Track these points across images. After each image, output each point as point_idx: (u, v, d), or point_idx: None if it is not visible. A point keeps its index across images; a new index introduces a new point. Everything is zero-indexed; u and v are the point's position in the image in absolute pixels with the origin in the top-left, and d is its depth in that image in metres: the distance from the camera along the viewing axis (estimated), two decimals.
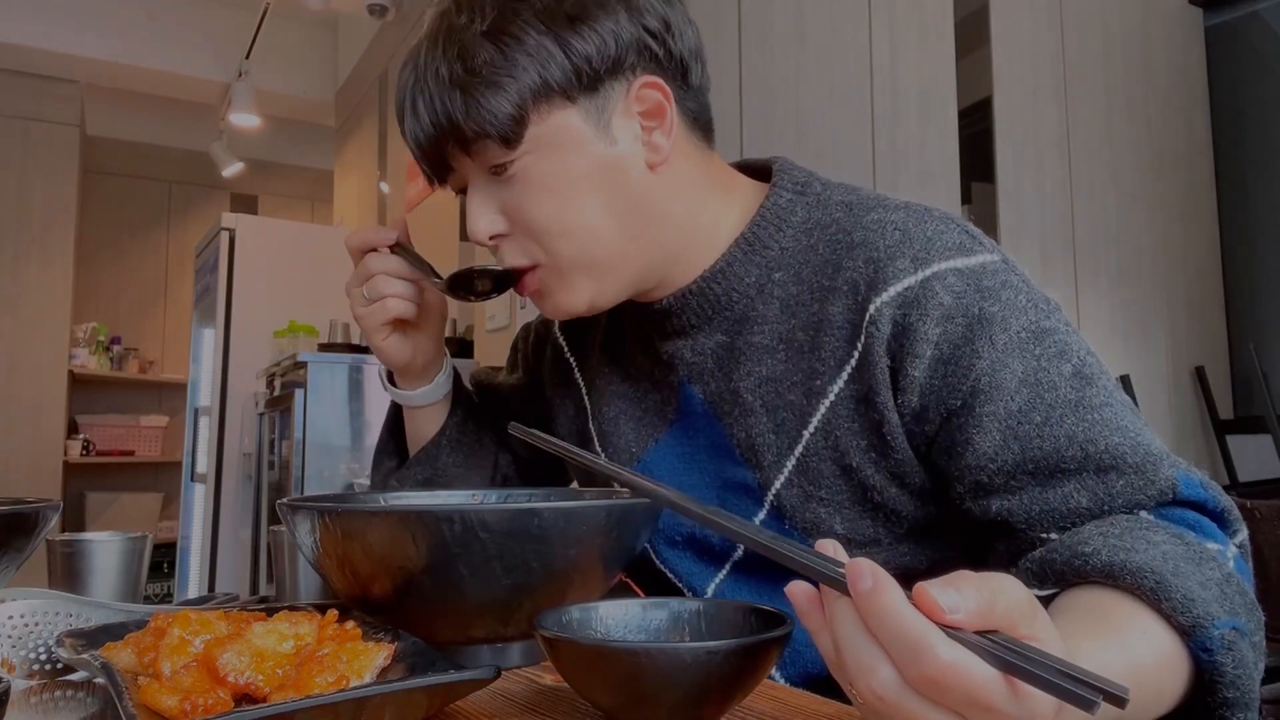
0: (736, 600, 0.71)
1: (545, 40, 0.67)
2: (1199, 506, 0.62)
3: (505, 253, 0.73)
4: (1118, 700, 0.35)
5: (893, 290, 0.67)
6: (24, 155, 4.86)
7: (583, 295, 0.73)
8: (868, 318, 0.67)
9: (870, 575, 0.37)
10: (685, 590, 0.80)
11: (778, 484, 0.73)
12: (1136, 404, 2.96)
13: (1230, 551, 0.59)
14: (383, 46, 4.34)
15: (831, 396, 0.70)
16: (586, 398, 0.90)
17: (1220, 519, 0.62)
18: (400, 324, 0.84)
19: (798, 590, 0.41)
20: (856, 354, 0.68)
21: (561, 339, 0.94)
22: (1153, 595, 0.52)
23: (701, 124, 0.77)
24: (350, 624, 0.55)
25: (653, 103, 0.71)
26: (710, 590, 0.78)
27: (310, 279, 3.80)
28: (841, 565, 0.39)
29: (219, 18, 4.74)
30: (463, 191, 0.76)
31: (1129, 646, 0.50)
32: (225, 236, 3.66)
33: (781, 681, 0.74)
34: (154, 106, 5.41)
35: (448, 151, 0.72)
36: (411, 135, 0.73)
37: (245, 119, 4.63)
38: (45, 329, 4.84)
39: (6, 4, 4.26)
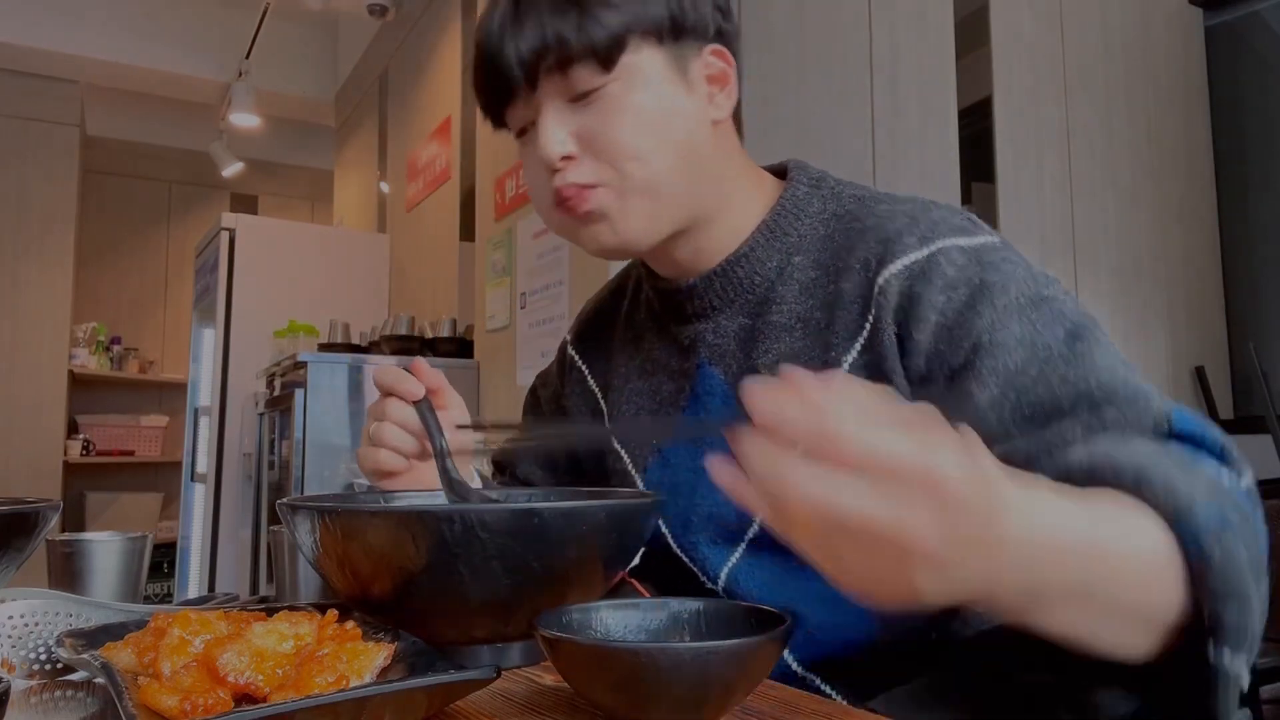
0: (736, 601, 0.71)
1: None
2: (1198, 441, 0.60)
3: (571, 173, 0.75)
4: None
5: (900, 263, 0.71)
6: (24, 155, 4.86)
7: (637, 222, 0.76)
8: (877, 289, 0.72)
9: (756, 392, 0.41)
10: (701, 575, 0.80)
11: None
12: None
13: (1228, 477, 0.57)
14: (383, 46, 4.34)
15: (845, 367, 0.73)
16: (602, 401, 0.92)
17: (1221, 456, 0.59)
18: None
19: (715, 463, 0.43)
20: (868, 326, 0.72)
21: (573, 351, 0.98)
22: (1133, 485, 0.52)
23: (738, 120, 0.83)
24: (350, 624, 0.55)
25: (719, 69, 0.78)
26: (724, 573, 0.79)
27: (310, 279, 3.80)
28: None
29: (219, 18, 4.74)
30: (520, 133, 0.79)
31: (1099, 507, 0.51)
32: (225, 236, 3.66)
33: (794, 664, 0.74)
34: (154, 106, 5.41)
35: (538, 73, 0.74)
36: (511, 52, 0.74)
37: (245, 119, 4.63)
38: (45, 329, 4.83)
39: (6, 4, 4.26)
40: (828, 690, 0.74)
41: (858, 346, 0.73)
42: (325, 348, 3.24)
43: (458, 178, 3.43)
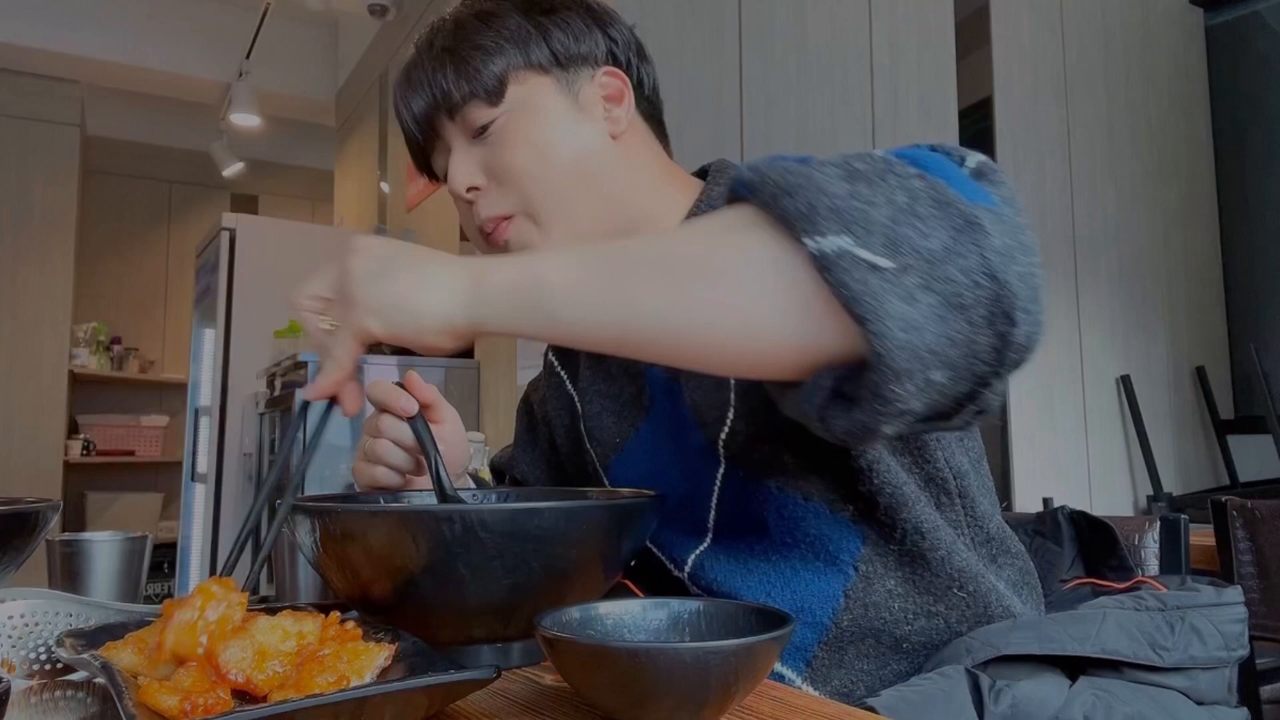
0: (736, 601, 0.71)
1: (526, 23, 0.81)
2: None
3: (482, 204, 0.81)
4: None
5: None
6: (24, 155, 4.86)
7: (552, 245, 0.80)
8: None
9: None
10: (666, 562, 0.83)
11: (722, 436, 0.77)
12: (1136, 404, 2.97)
13: (883, 152, 0.52)
14: (383, 46, 4.34)
15: None
16: (578, 403, 0.95)
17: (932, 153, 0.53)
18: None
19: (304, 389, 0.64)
20: None
21: (553, 356, 1.01)
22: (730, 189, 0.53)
23: (655, 121, 0.88)
24: (350, 624, 0.55)
25: (613, 88, 0.83)
26: (691, 560, 0.81)
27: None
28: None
29: (219, 18, 4.74)
30: (442, 178, 0.85)
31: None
32: (225, 236, 3.67)
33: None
34: (154, 106, 5.41)
35: (438, 124, 0.82)
36: (406, 110, 0.83)
37: (245, 119, 4.63)
38: (45, 329, 4.83)
39: (6, 4, 4.26)
40: (810, 691, 0.75)
41: None
42: None
43: None
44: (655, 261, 0.52)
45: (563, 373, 0.99)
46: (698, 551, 0.81)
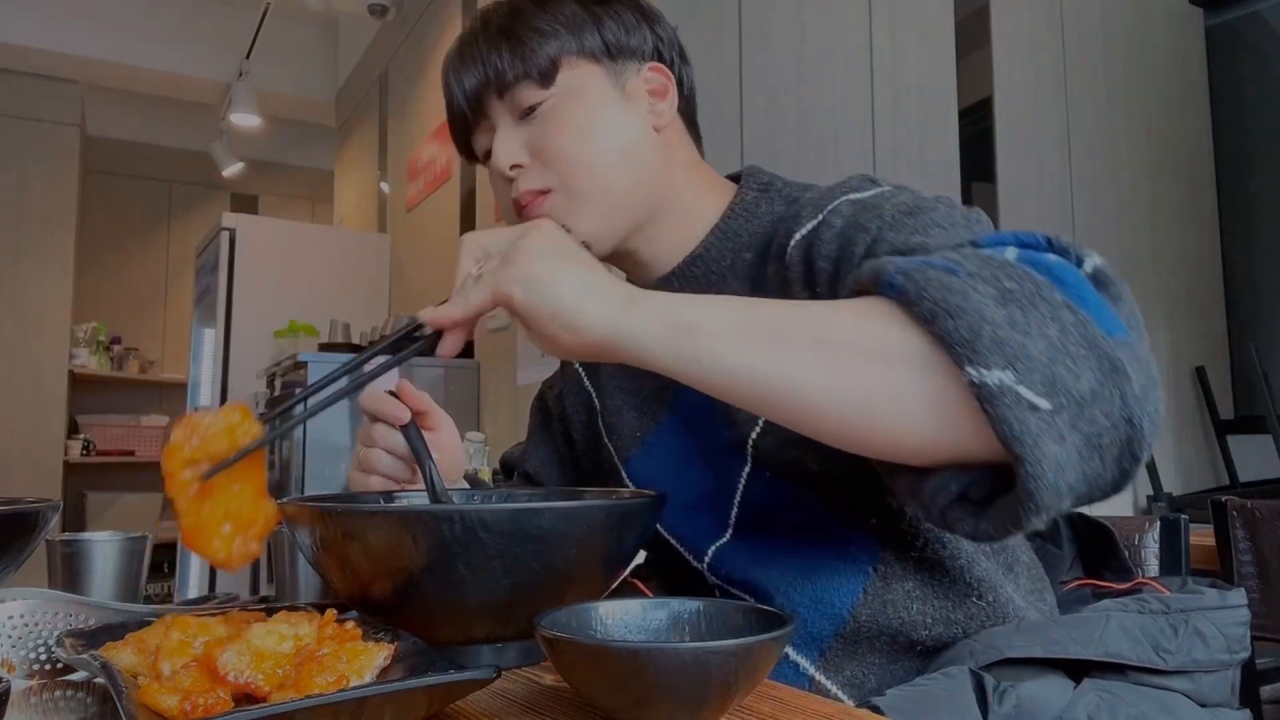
0: (736, 601, 0.71)
1: (581, 11, 0.82)
2: (1007, 244, 0.57)
3: (523, 180, 0.82)
4: None
5: (800, 234, 0.76)
6: (24, 155, 4.86)
7: (587, 224, 0.81)
8: (786, 264, 0.76)
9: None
10: (685, 553, 0.84)
11: (754, 435, 0.78)
12: None
13: (1016, 253, 0.54)
14: (383, 46, 4.34)
15: None
16: (595, 399, 0.96)
17: (1058, 250, 0.56)
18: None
19: (427, 312, 0.66)
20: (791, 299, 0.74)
21: None
22: (851, 281, 0.57)
23: (690, 121, 0.90)
24: (350, 624, 0.55)
25: (658, 83, 0.85)
26: (710, 553, 0.82)
27: (310, 279, 3.80)
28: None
29: (219, 18, 4.74)
30: (486, 157, 0.86)
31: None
32: (225, 236, 3.67)
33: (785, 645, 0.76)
34: (154, 106, 5.42)
35: (486, 102, 0.82)
36: (458, 89, 0.83)
37: (245, 119, 4.63)
38: (45, 329, 4.84)
39: (6, 4, 4.27)
40: (821, 679, 0.76)
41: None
42: (325, 348, 3.24)
43: (458, 178, 3.43)
44: (812, 336, 0.53)
45: (580, 369, 1.01)
46: (718, 545, 0.81)
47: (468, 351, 3.14)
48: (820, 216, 0.74)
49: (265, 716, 0.42)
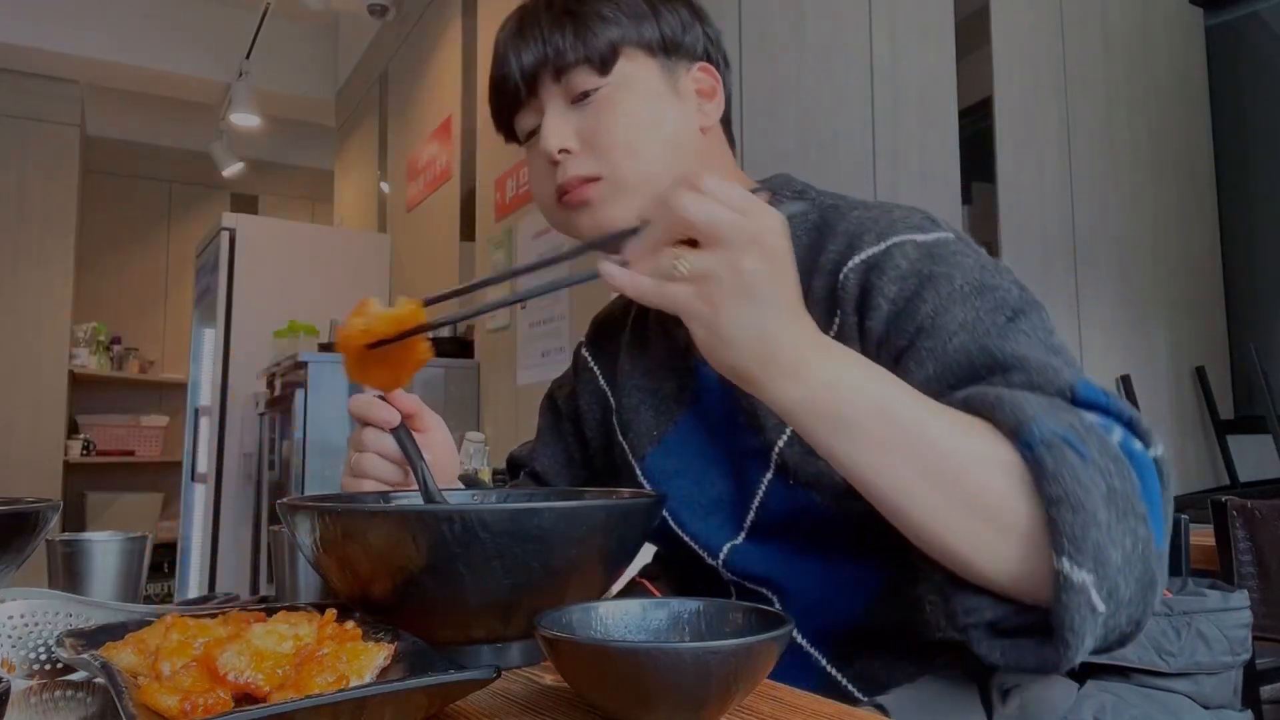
0: (736, 601, 0.71)
1: (643, 4, 0.83)
2: (1102, 410, 0.62)
3: (570, 165, 0.82)
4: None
5: (859, 258, 0.76)
6: (24, 155, 4.86)
7: (628, 213, 0.81)
8: (839, 283, 0.76)
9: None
10: (700, 551, 0.84)
11: (780, 444, 0.78)
12: (1137, 405, 2.96)
13: (1120, 433, 0.59)
14: (383, 46, 4.34)
15: None
16: (610, 396, 0.97)
17: (1129, 425, 0.61)
18: None
19: (608, 266, 0.59)
20: (837, 319, 0.77)
21: (586, 353, 1.03)
22: (990, 407, 0.58)
23: (726, 126, 0.91)
24: (350, 624, 0.55)
25: (706, 84, 0.86)
26: (724, 551, 0.82)
27: (310, 279, 3.80)
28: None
29: (219, 18, 4.74)
30: (527, 136, 0.86)
31: (918, 396, 0.59)
32: (225, 236, 3.67)
33: (797, 635, 0.78)
34: (154, 106, 5.41)
35: (541, 81, 0.82)
36: (515, 63, 0.83)
37: (245, 119, 4.63)
38: (45, 329, 4.84)
39: (6, 4, 4.26)
40: (832, 671, 0.77)
41: (830, 338, 0.76)
42: (325, 348, 3.24)
43: (458, 178, 3.43)
44: (945, 472, 0.57)
45: (595, 367, 1.01)
46: (732, 544, 0.82)
47: (467, 351, 3.14)
48: (883, 246, 0.75)
49: (265, 716, 0.42)
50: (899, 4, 2.65)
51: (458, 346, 3.14)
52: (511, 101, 0.85)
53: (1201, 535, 1.37)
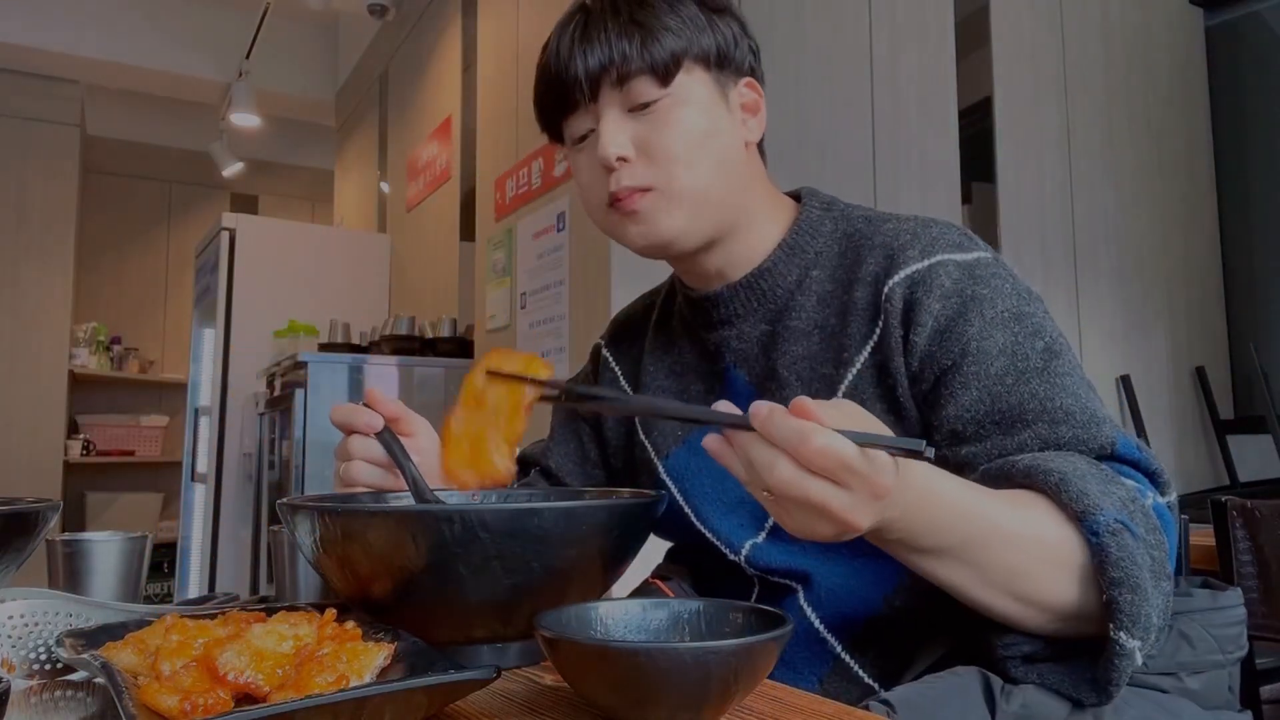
0: (736, 601, 0.71)
1: (700, 15, 0.84)
2: (1135, 465, 0.71)
3: (625, 174, 0.83)
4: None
5: (904, 273, 0.79)
6: (24, 155, 4.86)
7: (678, 224, 0.83)
8: (884, 296, 0.80)
9: (766, 405, 0.54)
10: (722, 547, 0.86)
11: None
12: (1136, 404, 2.97)
13: (1151, 495, 0.69)
14: (383, 46, 4.34)
15: (857, 366, 0.81)
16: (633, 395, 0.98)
17: (1152, 477, 0.71)
18: None
19: (711, 439, 0.58)
20: (878, 329, 0.80)
21: (607, 352, 1.05)
22: (1054, 489, 0.64)
23: (762, 147, 0.92)
24: (350, 624, 0.55)
25: (751, 99, 0.88)
26: (747, 546, 0.84)
27: (310, 279, 3.80)
28: (744, 415, 0.55)
29: (219, 18, 4.74)
30: (577, 140, 0.87)
31: (996, 496, 0.64)
32: (225, 236, 3.67)
33: (816, 622, 0.80)
34: (154, 106, 5.41)
35: (601, 86, 0.83)
36: (580, 66, 0.82)
37: (245, 119, 4.63)
38: (45, 329, 4.84)
39: (6, 4, 4.26)
40: (847, 659, 0.78)
41: (869, 348, 0.80)
42: (325, 348, 3.24)
43: (458, 178, 3.43)
44: (1012, 587, 0.64)
45: (617, 368, 1.03)
46: (755, 541, 0.84)
47: (467, 351, 3.14)
48: (927, 263, 0.79)
49: (265, 716, 0.42)
50: (899, 4, 2.65)
51: (458, 346, 3.14)
52: (564, 104, 0.85)
53: (1201, 535, 1.37)
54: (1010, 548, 0.62)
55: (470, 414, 0.75)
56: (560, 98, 0.85)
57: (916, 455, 0.52)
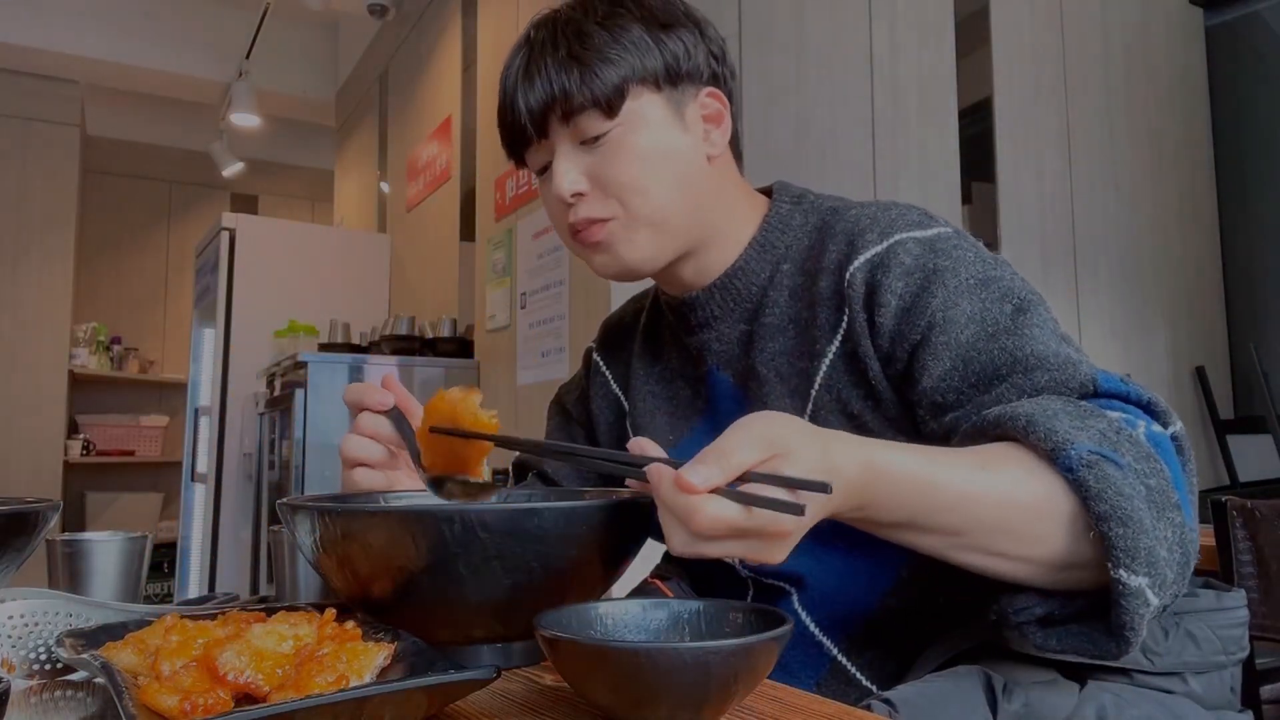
0: (736, 601, 0.71)
1: (645, 36, 0.82)
2: (1124, 398, 0.68)
3: (583, 207, 0.83)
4: (821, 487, 0.51)
5: (863, 257, 0.79)
6: (24, 155, 4.86)
7: (641, 251, 0.84)
8: (845, 282, 0.79)
9: (657, 474, 0.55)
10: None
11: None
12: None
13: (1144, 424, 0.65)
14: (383, 46, 4.34)
15: (830, 356, 0.81)
16: (624, 400, 0.99)
17: (1147, 408, 0.68)
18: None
19: (633, 484, 0.64)
20: (845, 318, 0.79)
21: (598, 357, 1.05)
22: (1022, 433, 0.61)
23: (736, 147, 0.91)
24: (350, 624, 0.55)
25: (714, 109, 0.86)
26: None
27: (310, 279, 3.80)
28: (644, 464, 0.57)
29: (219, 18, 4.74)
30: (539, 170, 0.87)
31: (961, 455, 0.62)
32: (225, 236, 3.66)
33: (811, 626, 0.80)
34: (154, 106, 5.41)
35: (549, 122, 0.82)
36: (523, 105, 0.83)
37: (245, 119, 4.63)
38: (45, 329, 4.83)
39: (6, 4, 4.26)
40: (843, 660, 0.78)
41: (839, 337, 0.80)
42: (325, 348, 3.24)
43: (458, 178, 3.43)
44: (991, 543, 0.61)
45: (608, 373, 1.03)
46: None
47: (467, 351, 3.14)
48: (885, 244, 0.78)
49: (265, 716, 0.42)
50: (899, 4, 2.65)
51: (458, 346, 3.14)
52: (520, 138, 0.85)
53: (1201, 535, 1.37)
54: (982, 505, 0.60)
55: (436, 457, 0.77)
56: (513, 133, 0.85)
57: (821, 489, 0.51)
